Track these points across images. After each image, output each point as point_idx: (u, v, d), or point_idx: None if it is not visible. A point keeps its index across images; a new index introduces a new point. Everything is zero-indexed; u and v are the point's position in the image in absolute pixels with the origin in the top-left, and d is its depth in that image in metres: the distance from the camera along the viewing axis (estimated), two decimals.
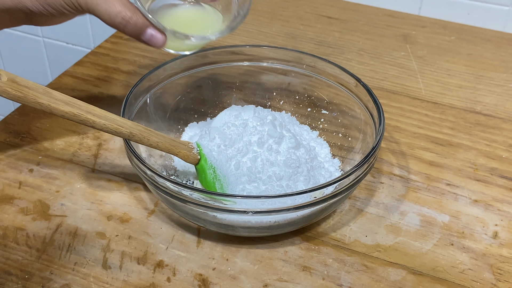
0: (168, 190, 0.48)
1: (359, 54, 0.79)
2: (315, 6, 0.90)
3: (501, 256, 0.52)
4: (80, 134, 0.64)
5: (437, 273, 0.50)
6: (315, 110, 0.64)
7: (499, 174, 0.60)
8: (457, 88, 0.73)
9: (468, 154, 0.63)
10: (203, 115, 0.64)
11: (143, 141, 0.50)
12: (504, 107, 0.70)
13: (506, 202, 0.57)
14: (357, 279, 0.49)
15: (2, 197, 0.56)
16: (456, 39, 0.83)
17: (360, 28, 0.85)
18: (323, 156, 0.60)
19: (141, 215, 0.55)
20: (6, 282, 0.48)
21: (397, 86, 0.73)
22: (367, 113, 0.57)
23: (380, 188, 0.58)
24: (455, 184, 0.59)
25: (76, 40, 1.15)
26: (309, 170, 0.54)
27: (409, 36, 0.83)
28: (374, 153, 0.50)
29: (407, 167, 0.61)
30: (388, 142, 0.64)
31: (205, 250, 0.52)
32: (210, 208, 0.48)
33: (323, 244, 0.52)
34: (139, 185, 0.58)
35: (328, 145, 0.61)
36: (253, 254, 0.51)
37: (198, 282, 0.49)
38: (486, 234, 0.54)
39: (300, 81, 0.64)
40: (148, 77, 0.58)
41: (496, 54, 0.80)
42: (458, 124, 0.67)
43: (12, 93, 0.43)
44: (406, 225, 0.54)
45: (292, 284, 0.49)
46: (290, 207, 0.47)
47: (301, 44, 0.80)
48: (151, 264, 0.50)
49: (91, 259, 0.50)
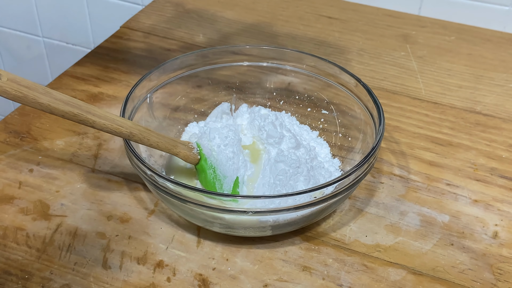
0: (168, 190, 0.48)
1: (359, 54, 0.79)
2: (315, 6, 0.90)
3: (501, 256, 0.52)
4: (80, 134, 0.64)
5: (437, 273, 0.50)
6: (315, 110, 0.64)
7: (499, 174, 0.60)
8: (457, 88, 0.73)
9: (468, 154, 0.63)
10: (203, 115, 0.64)
11: (143, 141, 0.50)
12: (504, 107, 0.70)
13: (506, 202, 0.57)
14: (357, 279, 0.49)
15: (2, 197, 0.56)
16: (456, 39, 0.83)
17: (360, 28, 0.85)
18: (323, 156, 0.60)
19: (141, 215, 0.55)
20: (6, 282, 0.48)
21: (397, 86, 0.73)
22: (367, 113, 0.57)
23: (380, 188, 0.58)
24: (455, 184, 0.59)
25: (76, 40, 1.15)
26: (309, 170, 0.54)
27: (409, 36, 0.83)
28: (374, 153, 0.50)
29: (407, 167, 0.61)
30: (388, 142, 0.64)
31: (205, 250, 0.52)
32: (210, 208, 0.48)
33: (323, 244, 0.52)
34: (139, 185, 0.58)
35: (328, 145, 0.61)
36: (253, 254, 0.51)
37: (198, 282, 0.49)
38: (486, 234, 0.54)
39: (300, 81, 0.64)
40: (148, 77, 0.58)
41: (496, 54, 0.80)
42: (458, 124, 0.67)
43: (12, 93, 0.43)
44: (406, 225, 0.54)
45: (292, 284, 0.49)
46: (290, 207, 0.47)
47: (301, 44, 0.80)
48: (151, 264, 0.50)
49: (91, 259, 0.50)
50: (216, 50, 0.63)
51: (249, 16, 0.87)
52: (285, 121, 0.61)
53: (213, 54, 0.63)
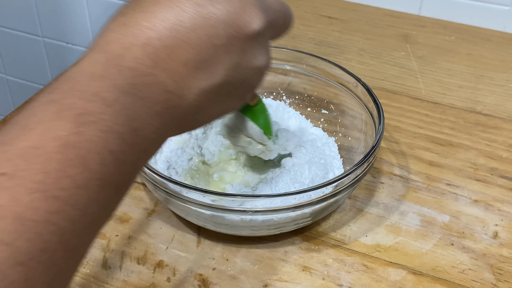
0: (168, 190, 0.48)
1: (359, 54, 0.79)
2: (315, 6, 0.90)
3: (501, 256, 0.52)
4: None
5: (437, 273, 0.50)
6: (315, 110, 0.64)
7: (499, 174, 0.60)
8: (457, 88, 0.73)
9: (468, 154, 0.63)
10: None
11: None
12: (504, 107, 0.70)
13: (506, 202, 0.57)
14: (357, 279, 0.49)
15: None
16: (456, 39, 0.83)
17: (360, 28, 0.85)
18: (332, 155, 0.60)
19: (141, 215, 0.55)
20: None
21: (397, 86, 0.73)
22: (367, 113, 0.57)
23: (380, 188, 0.58)
24: (455, 184, 0.59)
25: (76, 40, 1.15)
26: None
27: (409, 36, 0.83)
28: (374, 152, 0.50)
29: (407, 167, 0.61)
30: (388, 142, 0.64)
31: (205, 250, 0.52)
32: (210, 207, 0.48)
33: (323, 244, 0.52)
34: (139, 185, 0.58)
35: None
36: (253, 254, 0.51)
37: (198, 282, 0.49)
38: (486, 234, 0.54)
39: (300, 81, 0.64)
40: None
41: (496, 54, 0.80)
42: (458, 124, 0.67)
43: None
44: (406, 225, 0.54)
45: (292, 284, 0.49)
46: (290, 207, 0.47)
47: (301, 44, 0.80)
48: (151, 264, 0.50)
49: (91, 259, 0.50)
50: None
51: None
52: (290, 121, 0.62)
53: None
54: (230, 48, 0.35)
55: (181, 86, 0.33)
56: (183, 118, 0.34)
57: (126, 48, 0.31)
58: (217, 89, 0.35)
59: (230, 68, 0.35)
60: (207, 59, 0.34)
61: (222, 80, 0.35)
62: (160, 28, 0.32)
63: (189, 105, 0.34)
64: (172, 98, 0.33)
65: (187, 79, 0.33)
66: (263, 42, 0.37)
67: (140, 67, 0.31)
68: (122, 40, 0.32)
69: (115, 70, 0.31)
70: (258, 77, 0.39)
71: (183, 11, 0.32)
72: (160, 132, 0.32)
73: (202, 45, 0.33)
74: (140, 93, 0.31)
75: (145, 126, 0.31)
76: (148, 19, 0.32)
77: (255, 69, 0.38)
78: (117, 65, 0.31)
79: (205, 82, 0.34)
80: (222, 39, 0.34)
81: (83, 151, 0.27)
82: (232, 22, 0.34)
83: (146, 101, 0.31)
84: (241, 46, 0.35)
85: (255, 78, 0.39)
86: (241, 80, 0.37)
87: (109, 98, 0.29)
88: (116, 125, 0.29)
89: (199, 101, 0.35)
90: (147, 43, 0.31)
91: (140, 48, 0.31)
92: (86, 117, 0.28)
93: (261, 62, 0.38)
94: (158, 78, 0.32)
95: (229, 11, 0.34)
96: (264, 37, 0.37)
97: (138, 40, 0.32)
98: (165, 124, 0.33)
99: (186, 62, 0.33)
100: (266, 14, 0.36)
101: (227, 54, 0.35)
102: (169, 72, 0.32)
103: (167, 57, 0.32)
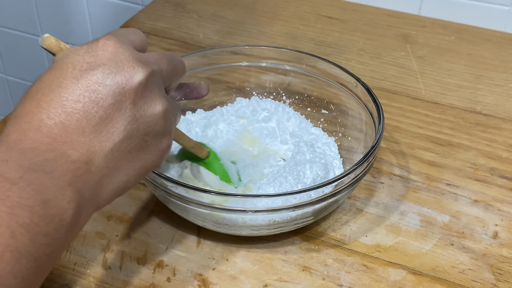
0: (168, 190, 0.48)
1: (359, 54, 0.79)
2: (315, 6, 0.90)
3: (501, 256, 0.52)
4: None
5: (437, 273, 0.50)
6: (315, 110, 0.64)
7: (499, 174, 0.60)
8: (457, 88, 0.73)
9: (468, 154, 0.63)
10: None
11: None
12: (504, 107, 0.70)
13: (506, 202, 0.57)
14: (357, 279, 0.49)
15: None
16: (456, 39, 0.83)
17: (360, 28, 0.85)
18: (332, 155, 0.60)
19: (141, 215, 0.55)
20: None
21: (397, 86, 0.73)
22: (367, 113, 0.57)
23: (380, 188, 0.58)
24: (455, 184, 0.59)
25: (76, 40, 1.15)
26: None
27: (409, 36, 0.83)
28: (373, 152, 0.50)
29: (407, 167, 0.61)
30: (388, 142, 0.64)
31: (205, 250, 0.52)
32: (210, 207, 0.48)
33: (323, 244, 0.52)
34: (139, 185, 0.58)
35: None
36: (253, 254, 0.51)
37: (198, 282, 0.49)
38: (486, 234, 0.54)
39: (300, 81, 0.64)
40: None
41: (496, 54, 0.79)
42: (458, 124, 0.67)
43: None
44: (406, 225, 0.54)
45: (292, 284, 0.49)
46: (290, 206, 0.47)
47: (301, 44, 0.80)
48: (151, 264, 0.50)
49: (91, 259, 0.50)
50: (216, 50, 0.63)
51: (249, 16, 0.87)
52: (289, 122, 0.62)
53: (213, 54, 0.63)
54: (120, 105, 0.37)
55: (85, 153, 0.36)
56: (99, 182, 0.37)
57: (23, 134, 0.34)
58: (123, 146, 0.38)
59: (127, 122, 0.37)
60: (100, 122, 0.36)
61: (123, 135, 0.37)
62: (49, 108, 0.35)
63: (99, 169, 0.36)
64: (80, 167, 0.35)
65: (89, 145, 0.36)
66: (153, 90, 0.39)
67: (39, 146, 0.34)
68: (17, 127, 0.35)
69: (17, 153, 0.33)
70: (163, 122, 0.40)
71: (65, 88, 0.36)
72: (76, 201, 0.34)
73: (91, 111, 0.36)
74: (46, 168, 0.33)
75: (57, 196, 0.33)
76: (37, 104, 0.35)
77: (154, 116, 0.39)
78: (17, 149, 0.34)
79: (108, 143, 0.37)
80: (108, 99, 0.36)
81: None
82: (113, 81, 0.37)
83: (53, 174, 0.34)
84: (131, 99, 0.37)
85: (159, 125, 0.40)
86: (144, 130, 0.39)
87: (13, 177, 0.32)
88: (23, 199, 0.31)
89: (109, 162, 0.37)
90: (41, 125, 0.35)
91: (35, 130, 0.35)
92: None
93: (158, 108, 0.39)
94: (60, 151, 0.35)
95: (107, 73, 0.37)
96: (154, 85, 0.39)
97: (32, 124, 0.35)
98: (79, 192, 0.35)
99: (83, 131, 0.36)
100: (146, 65, 0.39)
101: (118, 111, 0.37)
102: (69, 144, 0.35)
103: (63, 131, 0.35)
